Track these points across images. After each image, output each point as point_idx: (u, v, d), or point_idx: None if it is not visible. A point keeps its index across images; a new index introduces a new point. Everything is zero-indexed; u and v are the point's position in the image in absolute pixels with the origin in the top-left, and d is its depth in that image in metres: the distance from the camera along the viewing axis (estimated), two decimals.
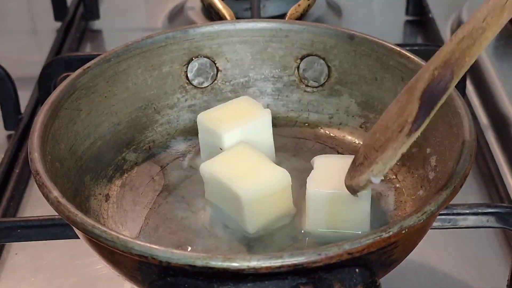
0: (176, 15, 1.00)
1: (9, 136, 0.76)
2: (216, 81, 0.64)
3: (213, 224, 0.53)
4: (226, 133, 0.55)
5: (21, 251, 0.63)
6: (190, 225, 0.53)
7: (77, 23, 0.97)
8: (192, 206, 0.54)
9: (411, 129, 0.43)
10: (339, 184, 0.49)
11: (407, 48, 0.59)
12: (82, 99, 0.56)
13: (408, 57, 0.58)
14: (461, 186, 0.46)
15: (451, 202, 0.46)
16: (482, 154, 0.70)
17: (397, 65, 0.58)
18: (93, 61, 0.58)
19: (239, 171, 0.51)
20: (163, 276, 0.42)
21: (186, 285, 0.41)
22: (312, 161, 0.54)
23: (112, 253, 0.43)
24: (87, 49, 0.96)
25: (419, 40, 0.95)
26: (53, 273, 0.61)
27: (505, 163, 0.71)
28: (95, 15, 1.00)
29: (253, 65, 0.64)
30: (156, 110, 0.62)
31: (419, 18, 0.98)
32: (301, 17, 0.66)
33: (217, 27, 0.63)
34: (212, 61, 0.63)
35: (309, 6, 0.67)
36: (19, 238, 0.56)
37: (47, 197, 0.46)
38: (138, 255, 0.41)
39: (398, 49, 0.58)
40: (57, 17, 0.99)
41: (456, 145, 0.50)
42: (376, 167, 0.44)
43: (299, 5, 0.67)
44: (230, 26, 0.63)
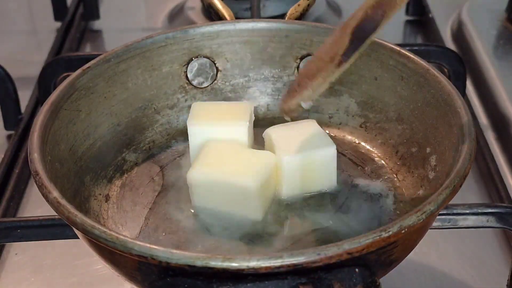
0: (176, 15, 1.00)
1: (9, 136, 0.76)
2: (216, 81, 0.64)
3: (213, 224, 0.53)
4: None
5: (21, 251, 0.63)
6: (190, 226, 0.53)
7: (77, 23, 0.97)
8: (192, 207, 0.54)
9: (341, 60, 0.47)
10: (305, 147, 0.53)
11: (407, 48, 0.59)
12: (82, 100, 0.56)
13: (408, 57, 0.57)
14: (461, 186, 0.46)
15: (451, 202, 0.46)
16: (482, 154, 0.70)
17: (397, 65, 0.58)
18: (93, 62, 0.58)
19: (230, 166, 0.52)
20: (163, 276, 0.42)
21: (186, 285, 0.41)
22: (265, 134, 0.56)
23: (112, 254, 0.43)
24: (87, 49, 0.96)
25: (419, 40, 0.95)
26: (53, 273, 0.61)
27: (505, 163, 0.71)
28: (95, 15, 1.00)
29: (253, 65, 0.64)
30: (156, 111, 0.62)
31: (419, 18, 0.98)
32: (301, 17, 0.66)
33: (217, 27, 0.63)
34: (212, 61, 0.63)
35: (309, 6, 0.67)
36: (19, 238, 0.56)
37: (47, 198, 0.46)
38: (138, 256, 0.41)
39: (398, 49, 0.58)
40: (57, 17, 0.99)
41: (456, 145, 0.50)
42: (306, 93, 0.48)
43: (299, 5, 0.67)
44: (230, 26, 0.63)
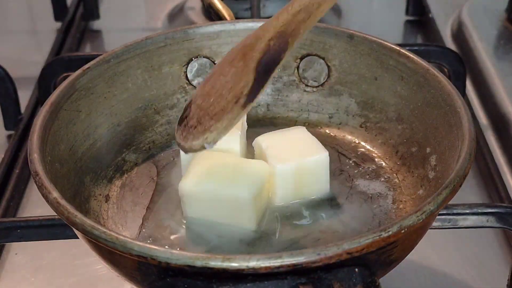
0: (176, 15, 1.00)
1: (9, 136, 0.76)
2: None
3: (214, 224, 0.53)
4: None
5: (21, 251, 0.63)
6: (190, 226, 0.53)
7: (77, 23, 0.97)
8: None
9: (246, 101, 0.44)
10: (298, 155, 0.53)
11: (407, 48, 0.59)
12: (82, 100, 0.56)
13: (408, 57, 0.57)
14: (461, 186, 0.46)
15: (451, 202, 0.46)
16: (482, 154, 0.70)
17: (397, 65, 0.58)
18: (93, 62, 0.58)
19: (222, 176, 0.51)
20: (163, 277, 0.42)
21: (186, 286, 0.41)
22: (255, 143, 0.55)
23: (112, 254, 0.43)
24: (87, 49, 0.96)
25: (419, 40, 0.95)
26: (53, 273, 0.61)
27: (505, 163, 0.71)
28: (95, 15, 1.00)
29: None
30: (156, 111, 0.62)
31: (419, 18, 0.98)
32: None
33: (217, 27, 0.63)
34: (212, 61, 0.63)
35: None
36: (19, 238, 0.56)
37: (47, 198, 0.46)
38: (138, 256, 0.41)
39: (398, 49, 0.58)
40: (57, 17, 0.99)
41: (456, 145, 0.50)
42: (211, 136, 0.45)
43: None
44: (230, 26, 0.63)
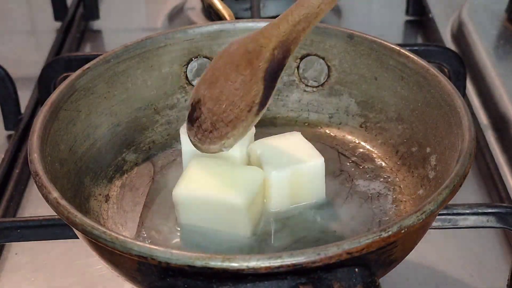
0: (176, 15, 1.00)
1: (9, 136, 0.76)
2: None
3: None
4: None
5: (21, 251, 0.63)
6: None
7: (77, 23, 0.97)
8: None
9: (259, 109, 0.49)
10: (293, 161, 0.53)
11: (407, 48, 0.59)
12: (82, 100, 0.56)
13: (408, 57, 0.57)
14: (461, 186, 0.46)
15: (451, 202, 0.46)
16: (482, 154, 0.70)
17: (397, 65, 0.58)
18: (93, 62, 0.58)
19: (217, 182, 0.51)
20: (163, 277, 0.42)
21: (186, 286, 0.41)
22: (250, 149, 0.55)
23: (112, 254, 0.43)
24: (87, 49, 0.96)
25: (419, 40, 0.95)
26: (53, 273, 0.61)
27: (505, 163, 0.71)
28: (95, 15, 1.00)
29: None
30: (156, 111, 0.62)
31: (419, 18, 0.98)
32: None
33: (217, 27, 0.63)
34: None
35: None
36: (19, 238, 0.56)
37: (47, 198, 0.46)
38: (138, 256, 0.41)
39: (398, 49, 0.58)
40: (57, 17, 0.99)
41: (456, 145, 0.50)
42: (228, 142, 0.51)
43: None
44: (230, 26, 0.63)
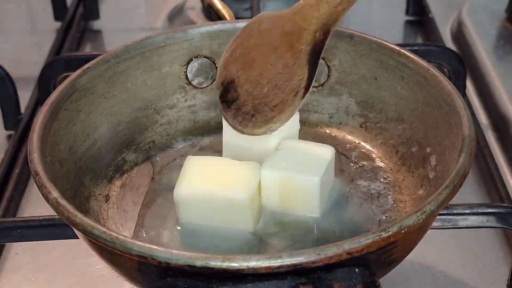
0: (176, 15, 1.00)
1: (9, 136, 0.76)
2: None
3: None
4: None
5: (21, 251, 0.63)
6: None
7: (77, 23, 0.97)
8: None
9: (304, 92, 0.49)
10: (289, 168, 0.52)
11: (407, 48, 0.59)
12: (82, 100, 0.56)
13: (408, 57, 0.57)
14: (461, 186, 0.46)
15: (451, 202, 0.46)
16: (482, 154, 0.70)
17: (397, 65, 0.58)
18: (93, 62, 0.58)
19: (218, 179, 0.51)
20: (163, 277, 0.42)
21: (186, 286, 0.41)
22: (280, 143, 0.54)
23: (112, 254, 0.43)
24: (87, 49, 0.96)
25: (419, 40, 0.95)
26: (53, 273, 0.60)
27: (505, 163, 0.71)
28: (95, 15, 1.00)
29: None
30: (156, 111, 0.62)
31: (419, 18, 0.98)
32: None
33: (217, 27, 0.63)
34: (212, 61, 0.63)
35: None
36: (19, 238, 0.56)
37: (47, 198, 0.46)
38: (138, 256, 0.41)
39: (398, 49, 0.58)
40: (57, 17, 0.99)
41: (456, 145, 0.50)
42: (275, 126, 0.51)
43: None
44: (230, 26, 0.63)
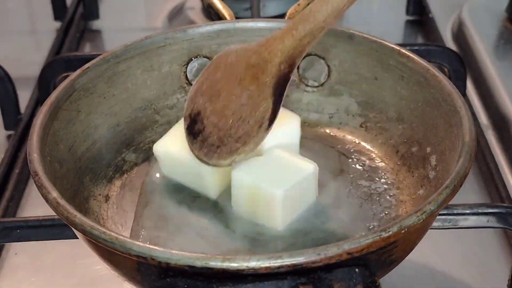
0: (176, 15, 1.00)
1: (9, 136, 0.76)
2: None
3: (213, 224, 0.53)
4: None
5: (21, 251, 0.63)
6: (190, 226, 0.53)
7: (77, 23, 0.97)
8: (192, 207, 0.54)
9: (269, 124, 0.50)
10: (259, 177, 0.51)
11: (407, 48, 0.59)
12: (81, 100, 0.56)
13: (408, 57, 0.57)
14: (461, 186, 0.46)
15: (451, 202, 0.46)
16: (482, 154, 0.70)
17: (397, 65, 0.58)
18: (92, 62, 0.58)
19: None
20: (163, 277, 0.42)
21: (186, 286, 0.41)
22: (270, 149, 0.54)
23: (111, 254, 0.43)
24: (87, 49, 0.96)
25: (419, 40, 0.95)
26: (53, 273, 0.61)
27: (505, 163, 0.71)
28: (95, 15, 1.00)
29: None
30: (156, 111, 0.62)
31: (419, 18, 0.98)
32: None
33: (217, 27, 0.63)
34: None
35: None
36: (19, 238, 0.56)
37: (46, 198, 0.46)
38: (137, 256, 0.41)
39: (398, 49, 0.58)
40: (57, 17, 0.99)
41: (456, 145, 0.50)
42: (239, 157, 0.51)
43: (299, 5, 0.66)
44: (230, 26, 0.63)
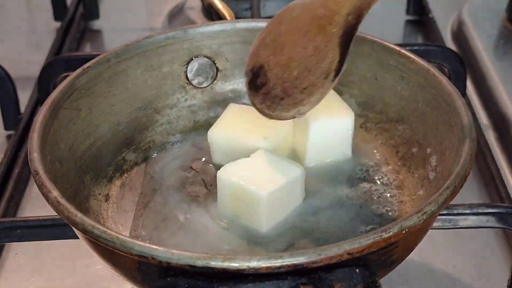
0: (176, 15, 1.00)
1: (9, 136, 0.76)
2: (216, 81, 0.64)
3: (213, 224, 0.53)
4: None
5: (21, 251, 0.63)
6: (190, 225, 0.53)
7: (77, 23, 0.97)
8: (192, 207, 0.54)
9: (335, 75, 0.49)
10: (243, 178, 0.51)
11: (407, 48, 0.59)
12: (82, 99, 0.56)
13: (408, 57, 0.57)
14: (462, 186, 0.46)
15: (451, 202, 0.46)
16: (482, 154, 0.70)
17: (397, 65, 0.58)
18: (93, 61, 0.58)
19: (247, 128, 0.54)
20: (163, 276, 0.42)
21: (186, 286, 0.41)
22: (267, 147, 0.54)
23: (112, 254, 0.43)
24: (87, 49, 0.96)
25: (419, 40, 0.95)
26: (53, 273, 0.60)
27: (505, 163, 0.71)
28: (95, 15, 1.00)
29: None
30: (156, 110, 0.62)
31: (419, 18, 0.98)
32: None
33: (217, 27, 0.63)
34: (212, 61, 0.63)
35: None
36: (19, 238, 0.56)
37: (47, 197, 0.46)
38: (138, 255, 0.41)
39: (398, 49, 0.58)
40: (57, 17, 0.99)
41: (457, 145, 0.50)
42: (303, 109, 0.50)
43: None
44: (230, 26, 0.63)
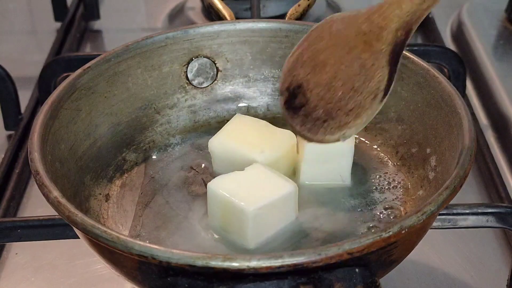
0: (176, 15, 1.00)
1: (9, 136, 0.76)
2: (216, 81, 0.64)
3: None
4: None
5: (21, 251, 0.63)
6: (190, 225, 0.53)
7: (77, 23, 0.97)
8: (193, 207, 0.54)
9: (384, 95, 0.45)
10: (232, 192, 0.49)
11: (407, 48, 0.59)
12: (82, 99, 0.56)
13: (408, 57, 0.57)
14: (461, 186, 0.46)
15: (451, 202, 0.46)
16: (482, 154, 0.70)
17: None
18: (93, 61, 0.58)
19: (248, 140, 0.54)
20: (163, 276, 0.42)
21: (186, 285, 0.41)
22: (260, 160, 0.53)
23: (112, 253, 0.43)
24: (87, 49, 0.96)
25: (419, 40, 0.95)
26: (53, 273, 0.60)
27: (505, 163, 0.71)
28: (95, 15, 1.00)
29: (253, 65, 0.64)
30: (156, 110, 0.62)
31: None
32: (301, 17, 0.66)
33: (217, 27, 0.63)
34: (212, 61, 0.63)
35: (309, 6, 0.67)
36: (19, 238, 0.56)
37: (47, 197, 0.46)
38: (138, 255, 0.41)
39: None
40: (57, 17, 0.99)
41: (456, 146, 0.50)
42: (349, 132, 0.46)
43: (299, 5, 0.67)
44: (230, 26, 0.63)
